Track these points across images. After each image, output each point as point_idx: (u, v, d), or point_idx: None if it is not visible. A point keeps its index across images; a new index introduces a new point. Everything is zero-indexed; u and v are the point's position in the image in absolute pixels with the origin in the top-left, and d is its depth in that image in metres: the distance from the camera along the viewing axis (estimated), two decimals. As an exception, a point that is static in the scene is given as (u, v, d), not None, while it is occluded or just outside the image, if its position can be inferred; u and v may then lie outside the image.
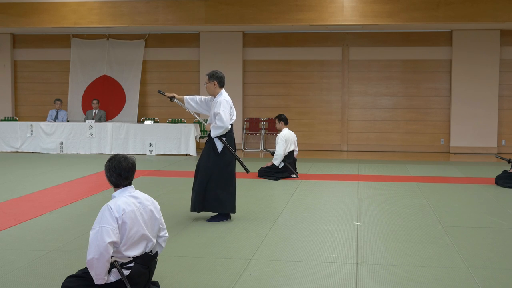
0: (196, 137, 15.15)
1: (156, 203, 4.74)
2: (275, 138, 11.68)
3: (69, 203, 8.70)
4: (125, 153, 4.77)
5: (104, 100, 17.14)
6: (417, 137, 16.85)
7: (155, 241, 4.66)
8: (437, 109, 16.80)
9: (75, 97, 17.74)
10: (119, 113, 17.46)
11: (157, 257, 4.74)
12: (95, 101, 16.63)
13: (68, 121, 16.61)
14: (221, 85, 7.61)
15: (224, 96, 7.54)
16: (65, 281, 4.56)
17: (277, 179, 11.12)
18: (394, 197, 9.37)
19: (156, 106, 17.91)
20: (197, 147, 15.37)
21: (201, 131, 15.85)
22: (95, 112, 16.58)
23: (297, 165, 11.72)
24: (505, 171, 10.67)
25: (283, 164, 11.28)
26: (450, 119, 16.60)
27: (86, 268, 4.46)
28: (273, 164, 11.30)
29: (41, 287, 4.96)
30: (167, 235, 4.83)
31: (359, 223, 7.49)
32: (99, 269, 4.29)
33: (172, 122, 16.41)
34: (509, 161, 10.78)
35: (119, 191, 4.59)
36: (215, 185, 7.46)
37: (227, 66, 17.11)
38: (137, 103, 17.43)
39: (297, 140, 11.76)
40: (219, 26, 16.07)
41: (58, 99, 16.68)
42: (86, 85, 17.74)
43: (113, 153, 14.70)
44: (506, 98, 16.53)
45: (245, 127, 17.34)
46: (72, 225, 7.33)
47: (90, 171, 12.07)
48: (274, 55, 17.23)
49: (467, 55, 16.32)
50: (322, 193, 9.80)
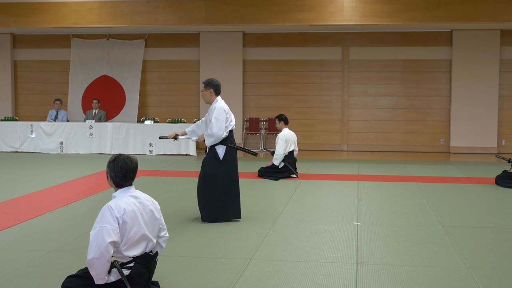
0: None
1: (156, 203, 4.74)
2: (275, 138, 11.68)
3: (69, 203, 8.70)
4: (126, 153, 4.76)
5: (104, 100, 17.13)
6: (417, 137, 16.85)
7: (155, 241, 4.66)
8: (437, 109, 16.80)
9: (75, 97, 17.74)
10: (119, 113, 17.45)
11: (157, 257, 4.74)
12: (95, 101, 16.63)
13: (68, 121, 16.60)
14: (217, 93, 7.60)
15: (219, 103, 7.52)
16: (65, 281, 4.56)
17: (277, 179, 11.12)
18: (394, 197, 9.37)
19: (156, 106, 17.91)
20: (197, 147, 15.38)
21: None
22: (95, 112, 16.58)
23: (297, 165, 11.72)
24: (505, 171, 10.67)
25: (283, 164, 11.28)
26: (450, 119, 16.60)
27: (86, 268, 4.46)
28: (273, 164, 11.30)
29: (41, 287, 4.96)
30: (168, 235, 4.83)
31: (359, 223, 7.49)
32: (100, 269, 4.29)
33: (172, 122, 16.40)
34: (509, 161, 10.78)
35: (120, 191, 4.59)
36: (220, 192, 7.46)
37: (227, 66, 17.13)
38: (137, 103, 17.43)
39: (297, 140, 11.76)
40: (219, 26, 16.06)
41: (57, 99, 16.68)
42: (86, 85, 17.74)
43: (113, 153, 14.71)
44: (506, 98, 16.53)
45: (245, 127, 17.34)
46: (72, 225, 7.33)
47: (90, 171, 12.07)
48: (274, 55, 17.23)
49: (467, 55, 16.32)
50: (322, 193, 9.80)
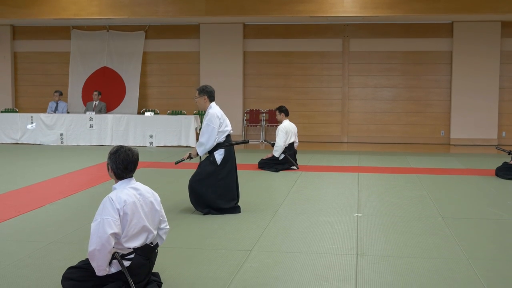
0: (196, 129, 15.15)
1: (156, 195, 4.74)
2: (276, 129, 11.68)
3: (69, 195, 8.71)
4: (126, 145, 4.76)
5: (104, 91, 17.11)
6: (417, 129, 16.85)
7: (155, 232, 4.67)
8: (438, 101, 16.79)
9: (75, 89, 17.72)
10: (119, 104, 17.44)
11: (158, 249, 4.76)
12: (96, 93, 16.60)
13: (68, 112, 16.60)
14: (211, 99, 7.61)
15: (213, 109, 7.53)
16: (66, 272, 4.58)
17: (277, 171, 11.12)
18: (394, 189, 9.38)
19: (156, 97, 17.89)
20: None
21: (202, 123, 15.81)
22: (96, 103, 16.56)
23: (298, 156, 11.72)
24: (505, 162, 10.67)
25: (283, 155, 11.28)
26: (450, 110, 16.58)
27: (87, 259, 4.47)
28: (274, 155, 11.30)
29: (42, 278, 4.98)
30: (168, 227, 4.84)
31: (359, 215, 7.50)
32: (101, 260, 4.30)
33: (172, 113, 16.40)
34: (509, 153, 10.77)
35: (120, 182, 4.59)
36: (215, 192, 7.48)
37: (227, 57, 17.11)
38: (137, 94, 17.41)
39: (298, 131, 11.75)
40: (219, 17, 16.04)
41: (57, 91, 16.66)
42: (86, 76, 17.72)
43: (114, 144, 14.70)
44: (506, 89, 16.51)
45: (245, 118, 17.33)
46: (72, 217, 7.34)
47: (90, 163, 12.07)
48: (274, 47, 17.20)
49: (468, 46, 16.29)
50: (322, 185, 9.81)
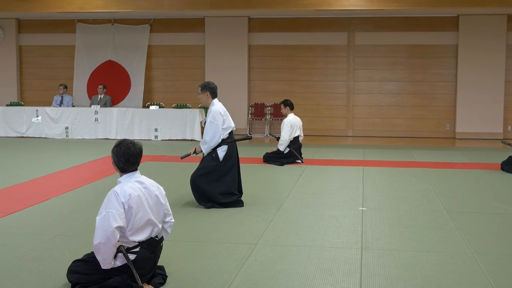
0: (201, 122, 15.16)
1: (161, 188, 4.75)
2: (281, 123, 11.68)
3: (75, 188, 8.74)
4: (131, 138, 4.77)
5: (109, 85, 17.11)
6: (422, 123, 16.81)
7: (160, 226, 4.68)
8: (443, 95, 16.74)
9: (80, 82, 17.73)
10: (124, 98, 17.44)
11: (163, 242, 4.76)
12: (101, 86, 16.61)
13: (73, 106, 16.62)
14: (214, 95, 7.60)
15: (216, 106, 7.53)
16: (71, 265, 4.60)
17: (282, 165, 11.12)
18: (399, 183, 9.37)
19: (161, 91, 17.89)
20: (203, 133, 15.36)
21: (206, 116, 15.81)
22: (101, 97, 16.57)
23: (302, 150, 11.72)
24: (510, 156, 10.64)
25: (288, 149, 11.28)
26: (456, 104, 16.54)
27: (92, 252, 4.49)
28: (278, 149, 11.30)
29: (48, 271, 4.99)
30: (173, 220, 4.85)
31: (364, 209, 7.50)
32: (106, 253, 4.32)
33: (177, 107, 16.39)
34: (514, 147, 10.75)
35: (125, 176, 4.60)
36: (209, 186, 7.49)
37: (232, 51, 17.08)
38: (142, 88, 17.41)
39: (303, 125, 11.75)
40: (225, 10, 16.01)
41: (61, 84, 16.67)
42: (91, 70, 17.72)
43: (119, 138, 14.70)
44: (512, 83, 16.47)
45: (250, 112, 17.32)
46: (78, 210, 7.36)
47: (95, 156, 12.09)
48: (279, 40, 17.16)
49: (474, 40, 16.22)
50: (327, 179, 9.81)
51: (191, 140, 15.11)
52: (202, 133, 14.91)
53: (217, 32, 17.16)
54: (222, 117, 7.49)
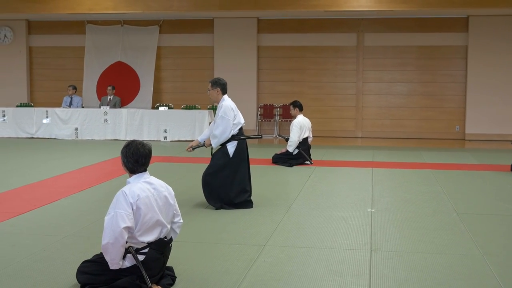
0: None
1: (170, 189, 4.75)
2: (290, 124, 11.67)
3: (84, 189, 8.76)
4: (140, 139, 4.78)
5: (118, 86, 17.17)
6: (432, 124, 16.76)
7: (169, 227, 4.68)
8: (453, 96, 16.69)
9: (90, 83, 17.79)
10: (133, 99, 17.49)
11: (172, 243, 4.77)
12: (110, 88, 16.66)
13: (83, 107, 16.67)
14: (224, 91, 7.60)
15: (226, 101, 7.53)
16: (80, 265, 4.61)
17: (291, 166, 11.12)
18: (408, 184, 9.34)
19: (170, 92, 17.92)
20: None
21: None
22: (110, 98, 16.62)
23: (311, 151, 11.71)
24: (521, 158, 10.60)
25: (297, 150, 11.27)
26: (465, 105, 16.48)
27: (101, 253, 4.49)
28: (287, 150, 11.29)
29: (57, 272, 5.01)
30: (182, 221, 4.85)
31: (373, 210, 7.48)
32: (114, 254, 4.32)
33: (186, 108, 16.42)
34: (525, 148, 10.70)
35: (134, 177, 4.61)
36: (228, 185, 7.49)
37: (241, 52, 17.09)
38: (152, 89, 17.45)
39: (312, 126, 11.73)
40: (234, 12, 16.03)
41: (71, 85, 16.73)
42: (100, 71, 17.78)
43: (128, 139, 14.75)
44: (522, 84, 16.39)
45: (259, 113, 17.32)
46: (87, 211, 7.38)
47: (105, 157, 12.12)
48: (288, 41, 17.16)
49: (484, 41, 16.16)
50: (336, 180, 9.79)
51: (200, 141, 15.10)
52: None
53: (226, 33, 17.18)
54: (233, 113, 7.49)
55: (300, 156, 11.29)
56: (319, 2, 14.93)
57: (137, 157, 4.56)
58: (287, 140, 11.36)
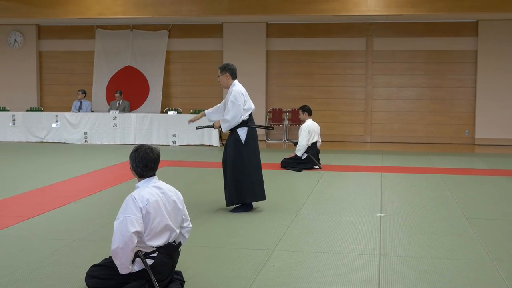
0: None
1: (179, 193, 4.76)
2: (298, 129, 11.67)
3: (93, 193, 8.78)
4: (149, 144, 4.79)
5: (128, 90, 17.21)
6: (441, 129, 16.70)
7: (178, 231, 4.68)
8: (462, 100, 16.63)
9: (99, 88, 17.85)
10: (142, 103, 17.53)
11: (180, 247, 4.77)
12: (117, 94, 16.71)
13: (92, 111, 16.72)
14: (234, 76, 7.62)
15: (237, 86, 7.56)
16: (89, 270, 4.62)
17: (300, 170, 11.10)
18: (418, 189, 9.32)
19: (179, 96, 17.95)
20: (224, 138, 15.40)
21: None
22: (119, 102, 16.66)
23: (320, 156, 11.69)
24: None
25: (306, 155, 11.26)
26: (475, 110, 16.42)
27: (110, 257, 4.50)
28: (296, 155, 11.28)
29: (66, 276, 5.02)
30: (191, 226, 4.86)
31: (382, 215, 7.46)
32: (124, 258, 4.33)
33: (195, 112, 16.41)
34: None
35: (143, 181, 4.62)
36: (247, 174, 7.49)
37: (250, 56, 17.10)
38: (161, 93, 17.49)
39: (321, 131, 11.72)
40: (243, 16, 16.05)
41: (80, 90, 16.78)
42: (110, 75, 17.84)
43: (137, 143, 14.78)
44: (533, 89, 16.32)
45: (268, 117, 17.32)
46: (96, 215, 7.40)
47: (114, 161, 12.15)
48: (297, 46, 17.16)
49: (493, 45, 16.10)
50: (345, 185, 9.77)
51: (209, 145, 15.13)
52: (220, 139, 15.09)
53: (235, 37, 17.20)
54: (243, 98, 7.52)
55: (309, 160, 11.28)
56: (328, 6, 14.93)
57: (146, 162, 4.56)
58: (296, 144, 11.35)
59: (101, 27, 17.96)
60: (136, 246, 4.39)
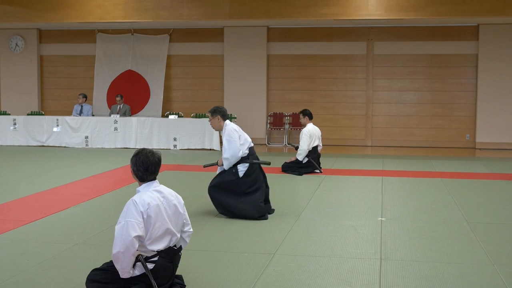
0: (219, 132, 15.16)
1: (180, 198, 4.76)
2: (299, 133, 11.67)
3: (94, 197, 8.78)
4: (150, 148, 4.79)
5: (128, 94, 17.24)
6: (442, 133, 16.71)
7: (179, 235, 4.68)
8: (463, 104, 16.64)
9: (100, 92, 17.87)
10: (143, 107, 17.56)
11: (181, 251, 4.77)
12: (118, 98, 16.72)
13: (93, 115, 16.73)
14: (225, 118, 7.66)
15: (229, 125, 7.58)
16: (90, 274, 4.61)
17: (300, 174, 11.10)
18: (418, 193, 9.31)
19: (180, 100, 17.97)
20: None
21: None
22: (120, 106, 16.68)
23: (321, 160, 11.69)
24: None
25: (307, 159, 11.26)
26: (476, 114, 16.43)
27: (111, 261, 4.50)
28: (297, 159, 11.28)
29: (67, 280, 5.02)
30: (192, 230, 4.85)
31: (383, 219, 7.45)
32: (125, 262, 4.33)
33: (196, 116, 16.45)
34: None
35: (144, 185, 4.62)
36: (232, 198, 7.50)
37: (251, 60, 17.13)
38: (162, 97, 17.51)
39: (321, 135, 11.72)
40: (243, 20, 16.07)
41: (81, 94, 16.79)
42: (111, 79, 17.86)
43: (138, 147, 14.78)
44: (533, 93, 16.32)
45: (269, 122, 17.33)
46: (97, 219, 7.40)
47: (115, 165, 12.16)
48: (298, 50, 17.18)
49: (494, 49, 16.12)
50: (346, 189, 9.77)
51: (210, 149, 15.14)
52: (220, 143, 15.06)
53: (236, 42, 17.22)
54: (237, 133, 7.53)
55: (309, 164, 11.28)
56: (329, 10, 14.94)
57: (147, 166, 4.57)
58: (297, 148, 11.35)
59: (102, 31, 17.99)
60: (137, 250, 4.38)
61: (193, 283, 4.94)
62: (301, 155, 11.21)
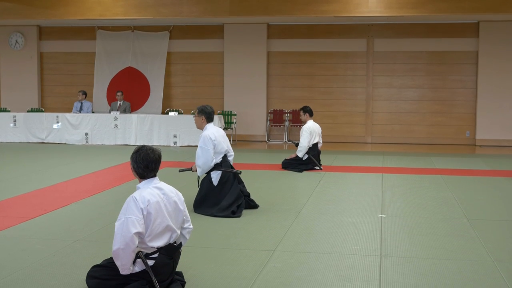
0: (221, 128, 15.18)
1: (180, 194, 4.76)
2: (299, 130, 11.67)
3: (94, 194, 8.79)
4: (150, 145, 4.79)
5: (128, 91, 17.23)
6: (442, 130, 16.71)
7: (179, 232, 4.68)
8: (463, 101, 16.63)
9: (100, 89, 17.87)
10: (143, 104, 17.55)
11: (181, 248, 4.77)
12: (119, 93, 16.71)
13: (93, 112, 16.73)
14: (209, 120, 7.70)
15: (207, 131, 7.61)
16: (90, 270, 4.62)
17: (301, 171, 11.10)
18: (418, 190, 9.31)
19: (180, 97, 17.96)
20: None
21: (225, 123, 15.89)
22: (120, 103, 16.67)
23: (321, 157, 11.69)
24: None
25: (307, 156, 11.26)
26: (476, 111, 16.42)
27: (111, 257, 4.50)
28: (297, 156, 11.28)
29: (67, 276, 5.02)
30: (192, 227, 4.86)
31: (383, 216, 7.46)
32: (125, 259, 4.33)
33: (196, 113, 16.43)
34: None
35: (144, 182, 4.62)
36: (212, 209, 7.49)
37: (251, 57, 17.12)
38: (162, 94, 17.51)
39: (322, 132, 11.72)
40: (244, 17, 16.06)
41: (81, 91, 16.78)
42: (111, 76, 17.86)
43: (138, 144, 14.79)
44: (533, 90, 16.31)
45: (269, 118, 17.33)
46: (97, 215, 7.40)
47: (115, 162, 12.16)
48: (298, 47, 17.17)
49: (494, 46, 16.11)
50: (346, 185, 9.77)
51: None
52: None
53: (236, 38, 17.21)
54: (212, 142, 7.54)
55: (309, 161, 11.28)
56: (329, 7, 14.93)
57: (147, 163, 4.57)
58: (297, 145, 11.36)
59: (102, 28, 17.98)
60: (137, 246, 4.39)
61: (193, 280, 4.95)
62: (301, 152, 11.21)
